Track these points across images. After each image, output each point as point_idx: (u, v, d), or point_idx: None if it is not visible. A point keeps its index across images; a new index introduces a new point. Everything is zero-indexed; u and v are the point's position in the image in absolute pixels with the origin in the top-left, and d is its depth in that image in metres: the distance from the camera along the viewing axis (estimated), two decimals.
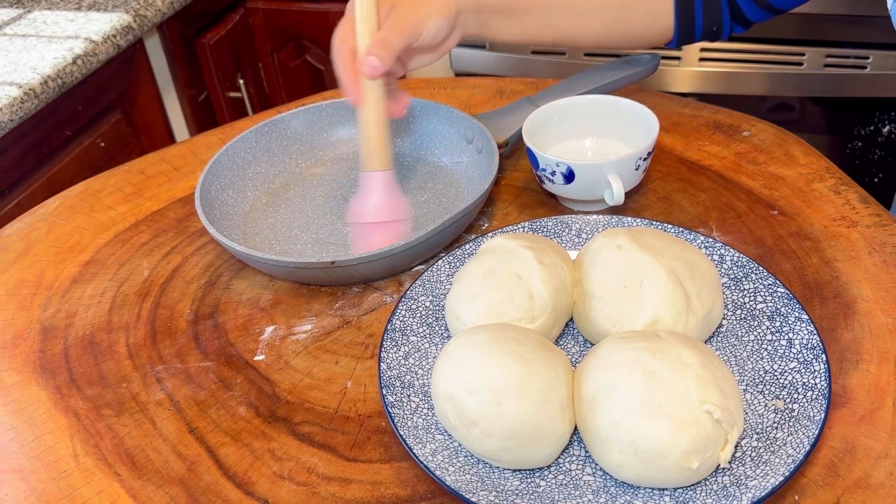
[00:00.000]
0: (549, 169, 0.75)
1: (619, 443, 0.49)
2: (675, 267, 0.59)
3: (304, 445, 0.58)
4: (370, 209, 0.74)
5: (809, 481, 0.52)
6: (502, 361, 0.52)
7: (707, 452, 0.49)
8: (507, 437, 0.51)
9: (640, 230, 0.63)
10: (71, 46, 1.26)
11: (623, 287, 0.59)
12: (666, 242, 0.62)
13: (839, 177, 0.78)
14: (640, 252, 0.59)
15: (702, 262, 0.61)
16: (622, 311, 0.59)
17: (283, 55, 1.77)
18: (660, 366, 0.50)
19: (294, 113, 0.89)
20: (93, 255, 0.80)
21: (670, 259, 0.60)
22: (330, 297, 0.71)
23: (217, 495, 0.55)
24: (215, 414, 0.61)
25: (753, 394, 0.56)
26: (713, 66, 1.42)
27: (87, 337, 0.70)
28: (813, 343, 0.56)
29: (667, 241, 0.62)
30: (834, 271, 0.67)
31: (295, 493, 0.55)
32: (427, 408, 0.57)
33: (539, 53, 1.51)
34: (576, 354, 0.62)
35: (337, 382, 0.63)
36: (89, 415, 0.62)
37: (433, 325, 0.64)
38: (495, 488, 0.51)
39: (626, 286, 0.59)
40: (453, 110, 0.86)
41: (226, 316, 0.71)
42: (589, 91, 0.84)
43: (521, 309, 0.60)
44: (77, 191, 0.89)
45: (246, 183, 0.84)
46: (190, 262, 0.77)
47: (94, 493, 0.56)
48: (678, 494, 0.50)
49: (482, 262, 0.63)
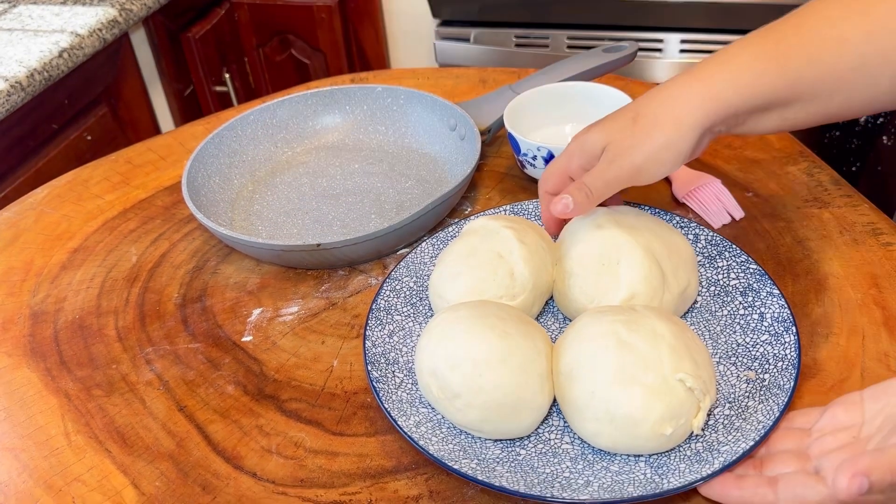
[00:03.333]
0: (531, 154, 0.77)
1: (596, 411, 0.51)
2: (653, 246, 0.61)
3: (291, 421, 0.60)
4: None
5: None
6: (483, 336, 0.54)
7: (680, 419, 0.51)
8: (488, 409, 0.53)
9: (621, 210, 0.65)
10: (57, 40, 1.26)
11: (601, 265, 0.61)
12: (645, 222, 0.63)
13: (812, 160, 0.80)
14: (618, 230, 0.61)
15: (679, 242, 0.63)
16: (599, 289, 0.60)
17: (268, 49, 1.78)
18: (634, 337, 0.52)
19: (279, 102, 0.90)
20: (81, 243, 0.81)
21: (648, 238, 0.61)
22: (316, 281, 0.73)
23: (206, 469, 0.57)
24: (204, 393, 0.63)
25: (726, 365, 0.58)
26: (694, 58, 1.45)
27: (77, 321, 0.71)
28: (783, 316, 0.58)
29: (645, 221, 0.63)
30: (806, 250, 0.69)
31: (282, 466, 0.56)
32: (411, 383, 0.58)
33: (523, 46, 1.53)
34: (555, 330, 0.64)
35: (323, 361, 0.65)
36: (80, 395, 0.64)
37: (417, 304, 0.65)
38: (477, 457, 0.53)
39: (604, 264, 0.60)
40: (437, 98, 0.87)
41: (213, 299, 0.72)
42: (569, 79, 0.86)
43: (503, 287, 0.61)
44: (65, 180, 0.90)
45: (232, 171, 0.85)
46: (178, 247, 0.78)
47: (85, 469, 0.57)
48: (653, 460, 0.52)
49: (465, 242, 0.65)
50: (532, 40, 1.52)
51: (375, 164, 0.87)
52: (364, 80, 1.04)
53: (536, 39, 1.52)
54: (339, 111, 0.92)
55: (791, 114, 0.58)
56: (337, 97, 0.91)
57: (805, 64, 0.56)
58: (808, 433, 0.50)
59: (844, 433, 0.48)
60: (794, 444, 0.50)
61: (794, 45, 0.56)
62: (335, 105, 0.92)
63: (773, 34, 0.57)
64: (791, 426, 0.52)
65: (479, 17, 1.54)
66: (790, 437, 0.51)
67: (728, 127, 0.59)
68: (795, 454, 0.49)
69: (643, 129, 0.58)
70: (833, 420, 0.50)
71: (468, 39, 1.56)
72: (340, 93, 0.91)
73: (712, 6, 1.39)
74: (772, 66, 0.56)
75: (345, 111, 0.92)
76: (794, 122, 0.59)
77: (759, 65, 0.57)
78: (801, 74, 0.56)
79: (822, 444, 0.49)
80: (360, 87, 0.91)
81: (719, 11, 1.39)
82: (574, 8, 1.46)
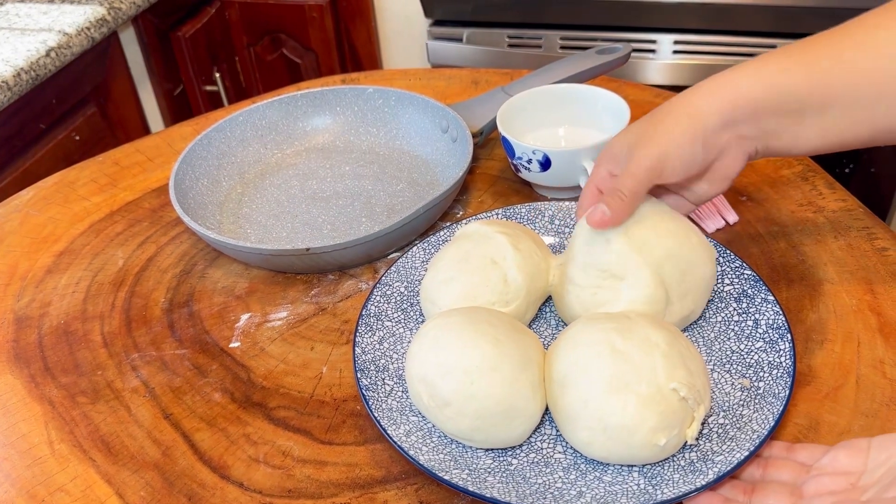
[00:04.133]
0: (526, 157, 0.76)
1: (589, 420, 0.50)
2: (664, 267, 0.57)
3: (279, 430, 0.59)
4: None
5: None
6: (475, 343, 0.53)
7: (674, 429, 0.50)
8: (479, 417, 0.52)
9: (642, 215, 0.59)
10: (44, 39, 1.25)
11: (603, 279, 0.58)
12: (662, 238, 0.58)
13: (807, 163, 0.80)
14: (628, 247, 0.57)
15: (699, 261, 0.58)
16: (597, 301, 0.59)
17: (259, 49, 1.77)
18: (628, 345, 0.51)
19: (269, 103, 0.89)
20: (67, 246, 0.79)
21: (660, 257, 0.57)
22: (305, 285, 0.72)
23: (192, 479, 0.55)
24: (190, 400, 0.62)
25: (721, 373, 0.57)
26: (687, 59, 1.44)
27: (62, 326, 0.70)
28: (778, 323, 0.58)
29: (665, 236, 0.58)
30: (800, 255, 0.69)
31: (270, 476, 0.55)
32: (401, 391, 0.57)
33: (515, 47, 1.52)
34: (548, 337, 0.63)
35: (312, 368, 0.64)
36: (64, 402, 0.62)
37: (408, 310, 0.64)
38: (468, 467, 0.52)
39: (607, 279, 0.58)
40: (428, 100, 0.86)
41: (201, 304, 0.71)
42: (562, 80, 0.85)
43: (496, 293, 0.60)
44: (51, 182, 0.89)
45: (221, 172, 0.84)
46: (165, 251, 0.77)
47: (69, 478, 0.56)
48: (646, 470, 0.51)
49: (457, 247, 0.64)
50: (525, 41, 1.51)
51: (366, 167, 0.86)
52: (355, 80, 1.03)
53: (529, 40, 1.51)
54: (329, 112, 0.91)
55: (831, 121, 0.55)
56: (327, 98, 0.90)
57: (835, 64, 0.54)
58: (808, 470, 0.49)
59: (843, 478, 0.47)
60: (790, 477, 0.49)
61: (825, 47, 0.54)
62: (326, 106, 0.91)
63: (806, 41, 0.55)
64: (793, 458, 0.50)
65: (471, 17, 1.53)
66: (789, 468, 0.49)
67: (762, 133, 0.56)
68: (789, 489, 0.48)
69: (660, 121, 0.57)
70: (834, 462, 0.48)
71: (461, 39, 1.55)
72: (331, 94, 0.90)
73: (706, 7, 1.38)
74: (798, 65, 0.54)
75: (335, 112, 0.91)
76: (838, 134, 0.55)
77: (785, 63, 0.55)
78: (829, 74, 0.54)
79: (818, 483, 0.47)
80: (350, 88, 0.90)
81: (713, 12, 1.39)
82: (567, 8, 1.45)
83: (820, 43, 0.55)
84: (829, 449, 0.49)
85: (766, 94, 0.54)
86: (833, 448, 0.49)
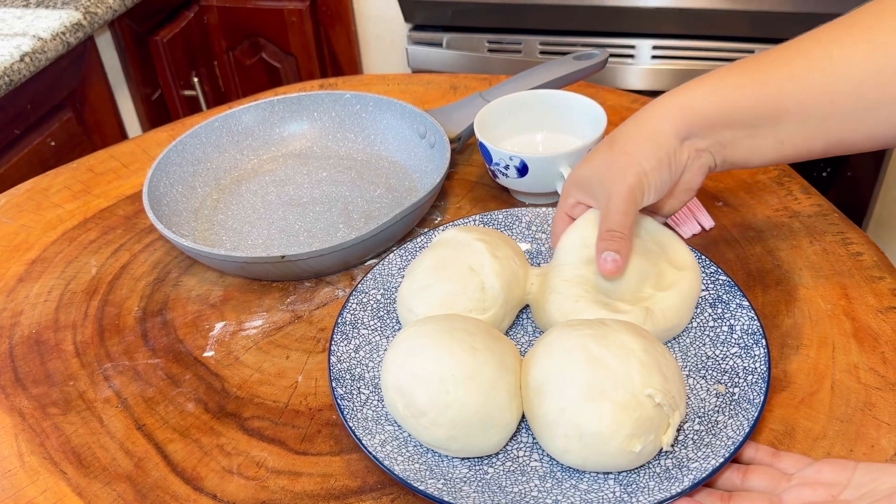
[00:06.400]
0: (503, 163, 0.76)
1: (565, 428, 0.50)
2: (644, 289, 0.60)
3: (253, 440, 0.58)
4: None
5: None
6: (451, 351, 0.53)
7: (649, 436, 0.50)
8: (455, 426, 0.51)
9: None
10: (18, 44, 1.23)
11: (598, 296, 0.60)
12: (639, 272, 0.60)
13: (783, 168, 0.80)
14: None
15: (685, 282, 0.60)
16: (577, 308, 0.59)
17: (238, 53, 1.76)
18: (604, 352, 0.51)
19: (245, 108, 0.88)
20: (39, 254, 0.78)
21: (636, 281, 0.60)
22: (281, 293, 0.71)
23: (165, 491, 0.55)
24: (163, 411, 0.61)
25: (696, 378, 0.57)
26: (666, 64, 1.45)
27: (34, 336, 0.69)
28: (753, 329, 0.58)
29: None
30: (776, 260, 0.69)
31: (244, 488, 0.54)
32: (377, 399, 0.57)
33: (495, 52, 1.52)
34: (525, 344, 0.63)
35: (287, 377, 0.63)
36: (35, 414, 0.61)
37: (384, 318, 0.64)
38: (444, 476, 0.51)
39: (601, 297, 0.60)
40: (406, 105, 0.86)
41: (175, 313, 0.70)
42: (539, 86, 0.85)
43: (473, 300, 0.60)
44: (24, 189, 0.88)
45: (196, 179, 0.83)
46: (138, 259, 0.76)
47: (39, 492, 0.55)
48: (622, 478, 0.51)
49: (434, 254, 0.63)
50: (505, 45, 1.52)
51: (344, 173, 0.86)
52: (333, 85, 1.02)
53: (509, 45, 1.51)
54: (307, 118, 0.90)
55: (785, 134, 0.56)
56: (305, 103, 0.90)
57: (787, 79, 0.55)
58: (789, 478, 0.49)
59: (824, 489, 0.47)
60: (770, 484, 0.49)
61: (778, 63, 0.55)
62: (303, 111, 0.90)
63: (761, 56, 0.56)
64: (777, 464, 0.50)
65: (451, 22, 1.53)
66: (770, 476, 0.49)
67: (718, 145, 0.57)
68: (768, 498, 0.48)
69: (622, 149, 0.58)
70: (818, 474, 0.48)
71: (441, 44, 1.55)
72: (308, 99, 0.90)
73: (685, 12, 1.39)
74: (751, 80, 0.55)
75: (313, 118, 0.90)
76: (793, 147, 0.57)
77: (738, 79, 0.56)
78: (782, 88, 0.55)
79: (798, 493, 0.47)
80: (328, 94, 0.90)
81: (691, 17, 1.40)
82: (547, 14, 1.45)
83: (774, 58, 0.56)
84: (815, 462, 0.49)
85: (718, 109, 0.56)
86: (819, 462, 0.49)
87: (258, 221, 0.79)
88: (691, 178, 0.60)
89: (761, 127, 0.56)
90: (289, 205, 0.81)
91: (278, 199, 0.82)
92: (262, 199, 0.83)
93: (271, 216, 0.80)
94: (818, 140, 0.56)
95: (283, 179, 0.85)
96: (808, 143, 0.56)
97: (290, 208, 0.81)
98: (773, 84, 0.55)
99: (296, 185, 0.84)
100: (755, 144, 0.57)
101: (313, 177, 0.85)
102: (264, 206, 0.81)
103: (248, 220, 0.80)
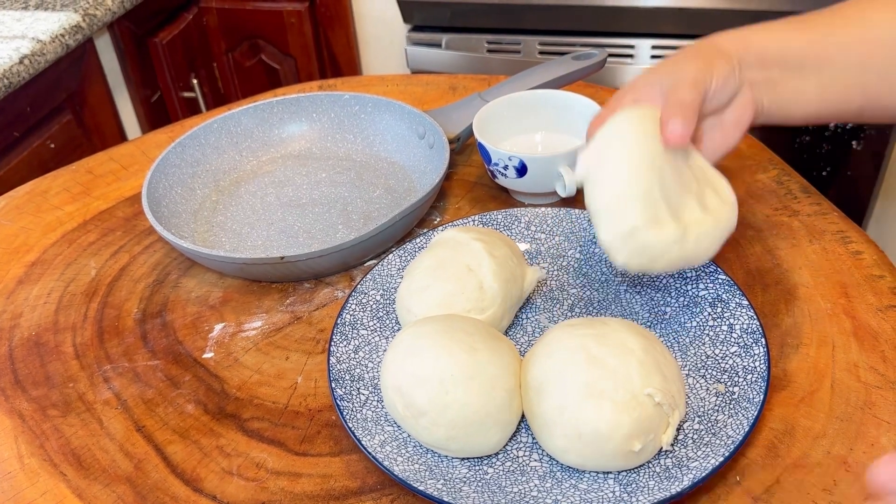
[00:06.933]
0: (502, 163, 0.76)
1: (565, 427, 0.50)
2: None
3: (252, 441, 0.58)
4: None
5: (750, 462, 0.53)
6: (450, 351, 0.53)
7: (649, 435, 0.50)
8: (454, 426, 0.51)
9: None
10: (17, 46, 1.23)
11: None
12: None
13: (782, 167, 0.80)
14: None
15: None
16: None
17: (237, 55, 1.76)
18: (604, 351, 0.51)
19: (244, 110, 0.88)
20: (39, 256, 0.78)
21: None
22: (281, 294, 0.71)
23: (165, 493, 0.55)
24: (163, 412, 0.61)
25: (696, 378, 0.57)
26: None
27: (33, 338, 0.69)
28: (753, 328, 0.58)
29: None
30: (776, 259, 0.69)
31: (244, 489, 0.54)
32: (376, 400, 0.57)
33: (494, 52, 1.52)
34: (525, 344, 0.63)
35: (287, 378, 0.63)
36: (34, 416, 0.61)
37: (384, 318, 0.64)
38: (443, 477, 0.51)
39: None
40: (405, 106, 0.86)
41: (174, 314, 0.70)
42: (538, 87, 0.85)
43: (472, 300, 0.60)
44: (23, 191, 0.88)
45: (195, 181, 0.83)
46: (138, 260, 0.76)
47: (38, 494, 0.55)
48: (622, 477, 0.51)
49: (433, 254, 0.63)
50: (504, 46, 1.52)
51: (343, 173, 0.86)
52: (332, 87, 1.02)
53: (508, 45, 1.51)
54: (305, 119, 0.90)
55: (828, 79, 0.60)
56: (303, 105, 0.90)
57: (829, 30, 0.60)
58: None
59: None
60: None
61: (819, 19, 0.61)
62: (302, 113, 0.90)
63: (801, 16, 0.62)
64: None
65: (450, 23, 1.53)
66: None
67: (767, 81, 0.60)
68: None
69: (692, 55, 0.59)
70: None
71: (440, 45, 1.55)
72: (307, 100, 0.90)
73: (684, 12, 1.39)
74: (796, 30, 0.61)
75: (312, 119, 0.90)
76: (835, 95, 0.61)
77: (786, 26, 0.61)
78: (825, 37, 0.60)
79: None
80: (327, 95, 0.90)
81: (691, 17, 1.40)
82: (546, 14, 1.45)
83: (814, 17, 0.62)
84: None
85: (772, 45, 0.60)
86: None
87: (257, 223, 0.79)
88: (742, 112, 0.60)
89: (807, 70, 0.60)
90: (288, 206, 0.81)
91: (277, 201, 0.82)
92: (262, 200, 0.83)
93: (270, 217, 0.80)
94: (856, 91, 0.60)
95: (282, 181, 0.85)
96: (847, 93, 0.61)
97: (290, 209, 0.81)
98: (818, 31, 0.60)
99: (295, 187, 0.84)
100: (800, 88, 0.60)
101: (312, 178, 0.85)
102: (263, 208, 0.81)
103: (247, 222, 0.80)
